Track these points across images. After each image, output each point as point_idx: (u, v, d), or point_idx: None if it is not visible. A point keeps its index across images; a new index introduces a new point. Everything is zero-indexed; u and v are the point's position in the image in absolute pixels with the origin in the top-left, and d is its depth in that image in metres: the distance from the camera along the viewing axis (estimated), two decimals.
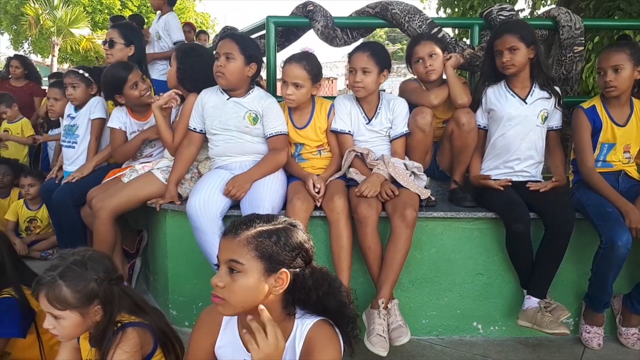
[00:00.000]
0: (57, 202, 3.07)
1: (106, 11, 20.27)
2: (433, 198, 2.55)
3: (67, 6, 18.50)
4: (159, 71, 4.97)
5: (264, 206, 2.36)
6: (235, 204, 2.50)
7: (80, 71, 3.31)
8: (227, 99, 2.62)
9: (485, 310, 2.56)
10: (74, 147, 3.30)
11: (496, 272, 2.55)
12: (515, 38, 2.53)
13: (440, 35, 3.04)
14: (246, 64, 2.56)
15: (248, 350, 1.40)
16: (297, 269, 1.33)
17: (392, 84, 17.74)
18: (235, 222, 1.37)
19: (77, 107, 3.32)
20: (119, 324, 1.53)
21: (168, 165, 2.79)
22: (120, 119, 3.03)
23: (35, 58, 19.54)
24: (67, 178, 3.13)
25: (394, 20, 3.14)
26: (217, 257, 1.35)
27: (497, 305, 2.56)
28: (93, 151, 3.26)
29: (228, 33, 2.68)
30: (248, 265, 1.28)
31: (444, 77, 2.82)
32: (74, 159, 3.29)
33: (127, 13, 20.64)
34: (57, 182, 3.41)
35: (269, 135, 2.60)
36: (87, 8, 19.40)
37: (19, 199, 4.20)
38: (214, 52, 2.60)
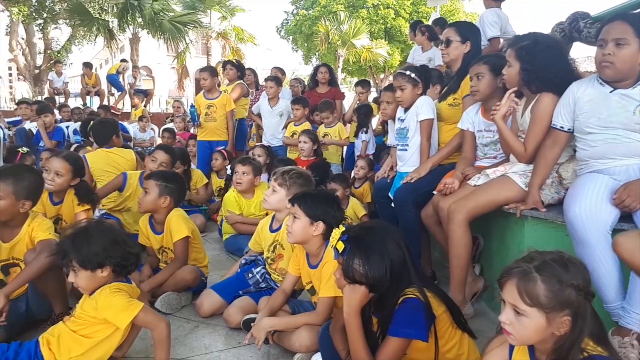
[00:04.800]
0: (397, 201, 3.16)
1: (381, 21, 21.61)
2: None
3: (351, 20, 20.36)
4: None
5: None
6: (624, 216, 2.09)
7: (407, 72, 3.30)
8: (610, 92, 2.22)
9: None
10: (406, 150, 3.34)
11: None
12: None
13: None
14: None
15: None
16: None
17: None
18: None
19: (406, 109, 3.36)
20: (585, 353, 1.33)
21: (525, 169, 2.54)
22: (469, 119, 2.93)
23: None
24: (406, 178, 3.18)
25: None
26: None
27: None
28: (425, 152, 3.26)
29: (619, 14, 2.26)
30: None
31: None
32: (407, 160, 3.34)
33: (400, 21, 21.68)
34: (388, 181, 3.54)
35: None
36: (364, 20, 21.00)
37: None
38: (599, 39, 2.22)
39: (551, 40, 2.74)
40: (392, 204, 3.27)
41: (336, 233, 1.83)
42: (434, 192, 2.99)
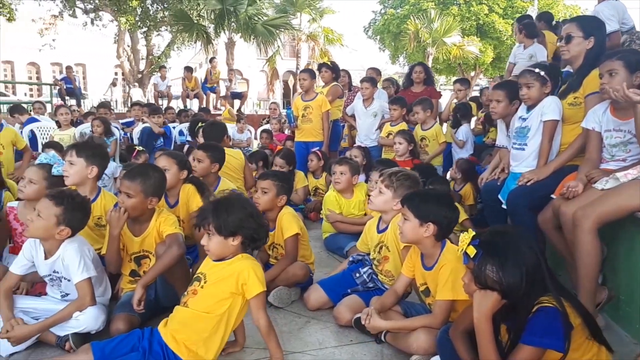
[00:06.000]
0: (511, 204, 3.04)
1: (473, 18, 20.88)
2: None
3: (442, 17, 19.88)
4: None
5: None
6: None
7: (536, 70, 3.15)
8: None
9: None
10: (523, 149, 3.20)
11: None
12: None
13: None
14: None
15: None
16: None
17: None
18: None
19: (529, 108, 3.20)
20: None
21: None
22: (595, 118, 2.75)
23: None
24: (521, 180, 3.04)
25: None
26: None
27: None
28: (545, 153, 3.09)
29: None
30: None
31: None
32: (523, 160, 3.20)
33: (493, 17, 20.85)
34: (498, 183, 3.41)
35: None
36: (455, 17, 20.41)
37: None
38: None
39: None
40: (503, 207, 3.15)
41: (466, 237, 1.79)
42: (552, 196, 2.84)
